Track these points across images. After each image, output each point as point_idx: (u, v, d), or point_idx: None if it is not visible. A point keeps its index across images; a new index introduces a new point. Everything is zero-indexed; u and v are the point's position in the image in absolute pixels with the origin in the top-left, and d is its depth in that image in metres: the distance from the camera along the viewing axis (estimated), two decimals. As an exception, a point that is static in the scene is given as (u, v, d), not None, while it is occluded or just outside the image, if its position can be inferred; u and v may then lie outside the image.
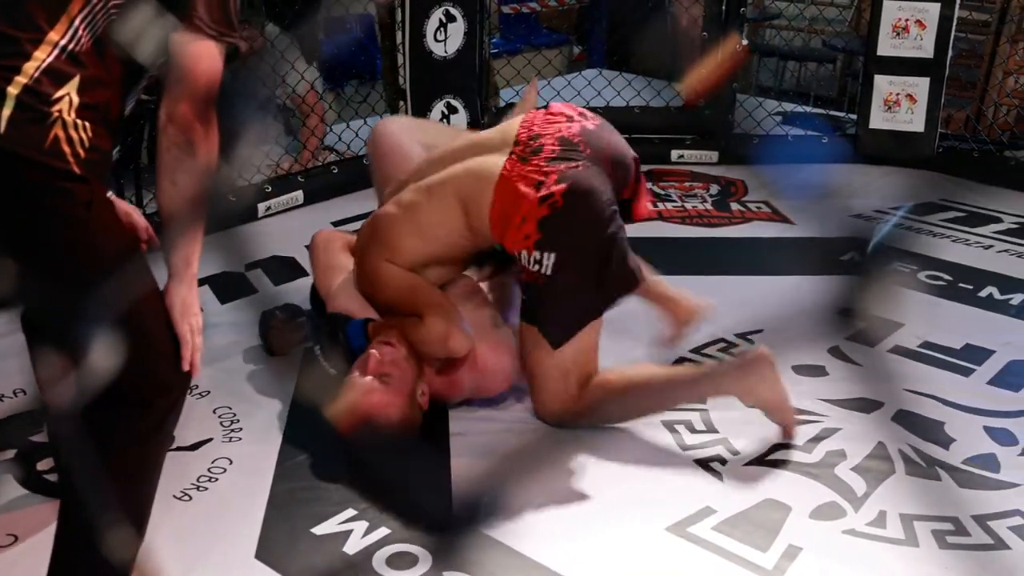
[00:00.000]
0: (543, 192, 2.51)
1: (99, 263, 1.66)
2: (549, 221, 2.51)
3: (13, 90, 1.57)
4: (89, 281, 1.64)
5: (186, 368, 1.80)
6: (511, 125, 2.73)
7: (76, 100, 1.62)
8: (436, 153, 2.84)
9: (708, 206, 4.44)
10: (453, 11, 4.52)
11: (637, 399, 2.66)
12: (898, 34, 4.77)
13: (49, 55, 1.60)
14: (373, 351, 2.61)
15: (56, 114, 1.60)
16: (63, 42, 1.62)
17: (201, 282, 3.41)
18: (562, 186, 2.51)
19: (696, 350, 3.10)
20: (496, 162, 2.61)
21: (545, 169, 2.54)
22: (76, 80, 1.62)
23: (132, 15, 1.70)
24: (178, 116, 1.73)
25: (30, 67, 1.58)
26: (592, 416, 2.67)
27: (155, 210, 1.90)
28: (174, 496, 2.40)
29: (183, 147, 1.74)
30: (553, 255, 2.52)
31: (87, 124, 1.63)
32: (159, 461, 1.90)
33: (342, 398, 2.50)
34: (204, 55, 1.74)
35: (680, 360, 3.04)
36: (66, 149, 1.60)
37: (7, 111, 1.56)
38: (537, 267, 2.54)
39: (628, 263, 2.64)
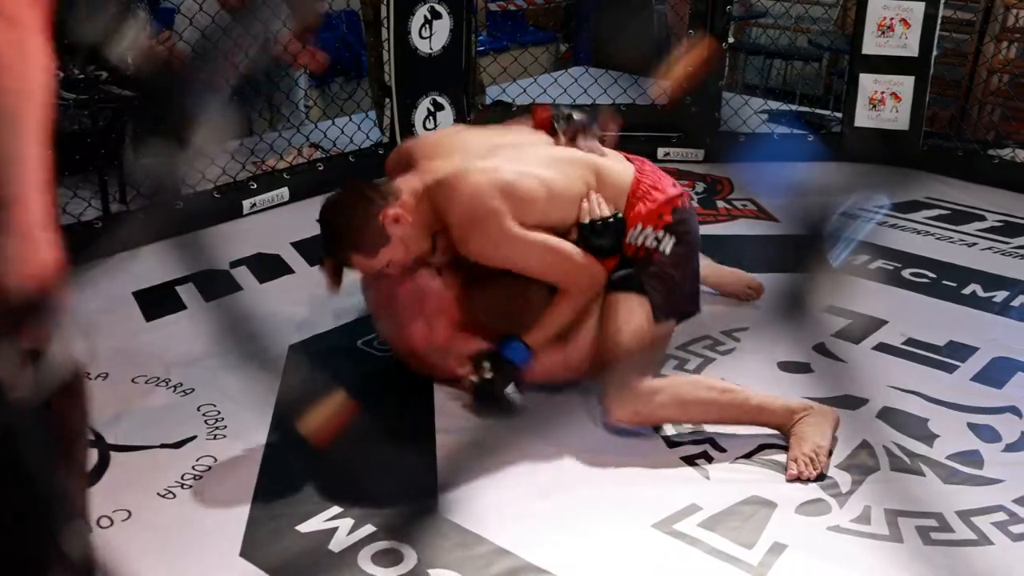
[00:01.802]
0: (682, 191, 2.84)
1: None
2: (680, 213, 2.78)
3: None
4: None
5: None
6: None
7: None
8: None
9: (694, 204, 4.43)
10: (439, 8, 4.51)
11: (702, 403, 2.64)
12: (883, 33, 4.79)
13: None
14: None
15: None
16: None
17: (186, 280, 3.44)
18: (689, 199, 2.89)
19: (682, 347, 3.11)
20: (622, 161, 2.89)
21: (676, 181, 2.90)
22: None
23: None
24: None
25: None
26: (656, 406, 2.63)
27: (138, 207, 1.78)
28: (158, 494, 2.39)
29: None
30: (673, 239, 2.74)
31: None
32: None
33: (316, 413, 2.49)
34: None
35: (665, 358, 3.05)
36: None
37: None
38: (656, 244, 2.72)
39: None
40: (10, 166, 1.32)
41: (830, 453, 2.54)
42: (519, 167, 2.68)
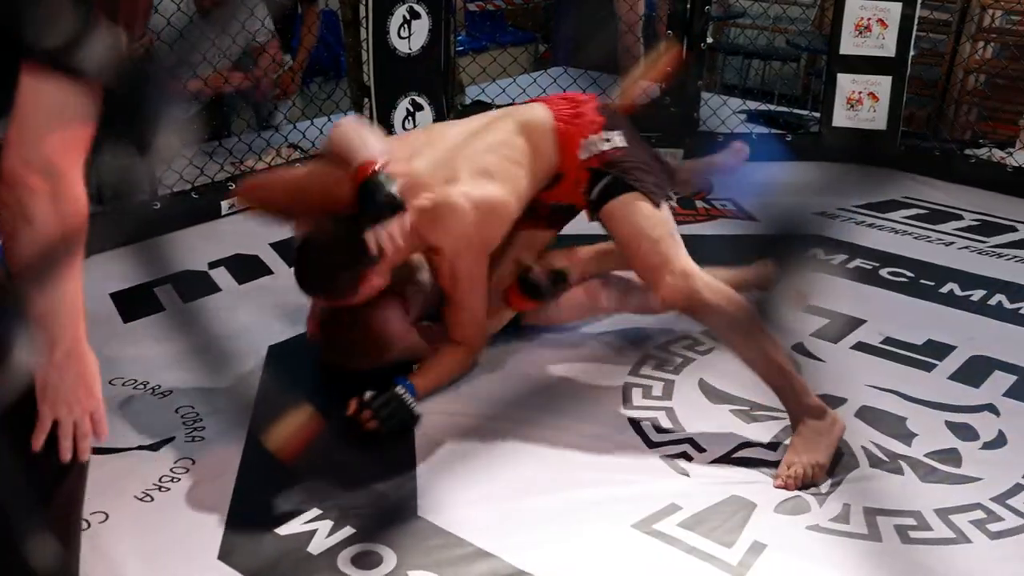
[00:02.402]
0: (591, 112, 2.87)
1: None
2: (612, 115, 2.89)
3: None
4: None
5: (36, 448, 1.49)
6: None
7: None
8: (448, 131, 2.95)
9: (673, 204, 4.43)
10: (417, 8, 4.51)
11: (742, 334, 2.59)
12: (860, 33, 4.80)
13: None
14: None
15: None
16: None
17: (164, 281, 3.42)
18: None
19: (661, 347, 3.11)
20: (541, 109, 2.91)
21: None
22: None
23: None
24: (6, 170, 1.34)
25: None
26: (699, 304, 2.63)
27: (93, 211, 1.68)
28: (135, 497, 2.38)
29: (13, 209, 1.36)
30: (620, 131, 2.82)
31: None
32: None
33: (282, 427, 2.47)
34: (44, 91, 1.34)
35: (645, 358, 3.05)
36: None
37: None
38: (608, 144, 2.78)
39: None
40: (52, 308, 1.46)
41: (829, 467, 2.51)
42: (487, 178, 2.74)
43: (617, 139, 2.80)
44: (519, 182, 2.79)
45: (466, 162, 2.74)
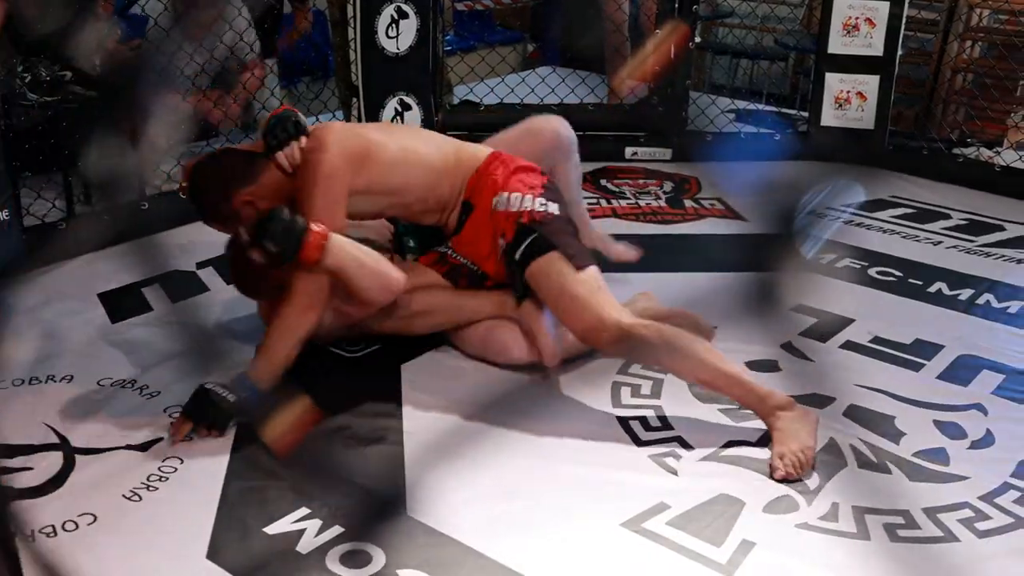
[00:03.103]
0: (533, 172, 2.98)
1: None
2: (550, 185, 2.96)
3: None
4: None
5: None
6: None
7: None
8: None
9: (662, 203, 4.45)
10: (405, 8, 4.50)
11: (682, 355, 2.65)
12: (848, 32, 4.81)
13: None
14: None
15: None
16: None
17: (152, 281, 3.42)
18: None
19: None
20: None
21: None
22: None
23: None
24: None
25: None
26: (638, 343, 2.67)
27: (102, 208, 1.72)
28: (123, 496, 2.37)
29: None
30: (556, 204, 2.89)
31: None
32: None
33: (277, 421, 2.47)
34: None
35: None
36: None
37: None
38: (544, 208, 2.85)
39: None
40: None
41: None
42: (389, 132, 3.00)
43: (552, 208, 2.87)
44: (417, 158, 2.93)
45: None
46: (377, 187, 2.86)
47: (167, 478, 2.46)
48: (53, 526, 2.23)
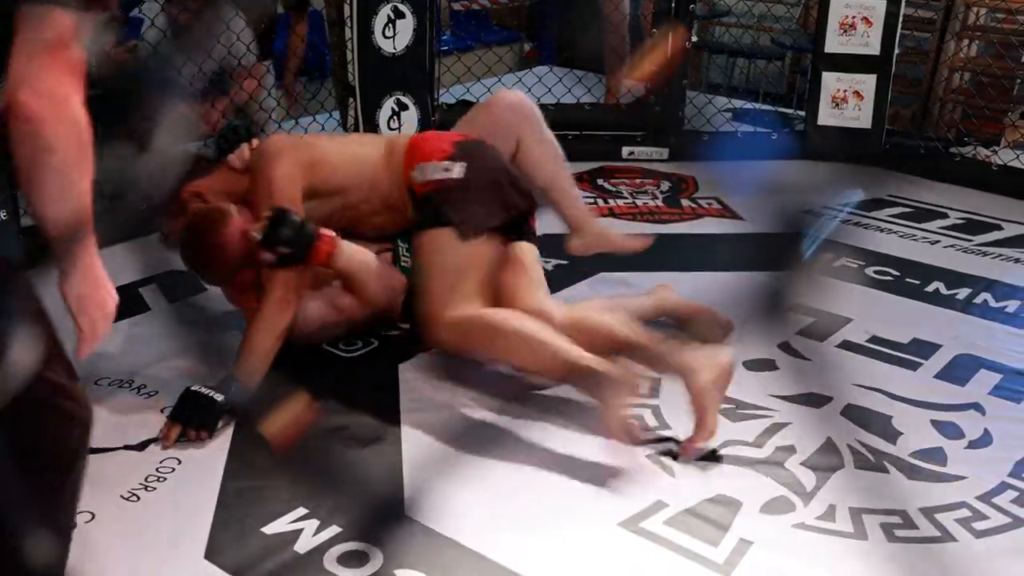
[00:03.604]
0: (446, 137, 3.03)
1: None
2: (462, 144, 2.95)
3: None
4: None
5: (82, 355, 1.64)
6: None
7: None
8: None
9: (659, 202, 4.45)
10: (402, 7, 4.49)
11: (513, 345, 2.66)
12: (845, 31, 4.82)
13: None
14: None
15: None
16: None
17: (149, 280, 3.41)
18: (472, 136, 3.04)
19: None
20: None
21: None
22: None
23: None
24: (18, 106, 1.43)
25: None
26: (466, 339, 2.73)
27: (101, 209, 1.74)
28: (121, 496, 2.37)
29: (33, 143, 1.45)
30: (463, 163, 2.86)
31: None
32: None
33: (278, 416, 2.48)
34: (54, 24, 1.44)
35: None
36: None
37: None
38: (446, 173, 2.85)
39: (523, 185, 3.01)
40: (70, 222, 1.52)
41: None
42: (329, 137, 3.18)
43: (457, 170, 2.86)
44: (355, 157, 3.01)
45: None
46: (323, 189, 2.94)
47: (165, 478, 2.46)
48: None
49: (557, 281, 3.49)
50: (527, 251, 2.94)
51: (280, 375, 2.70)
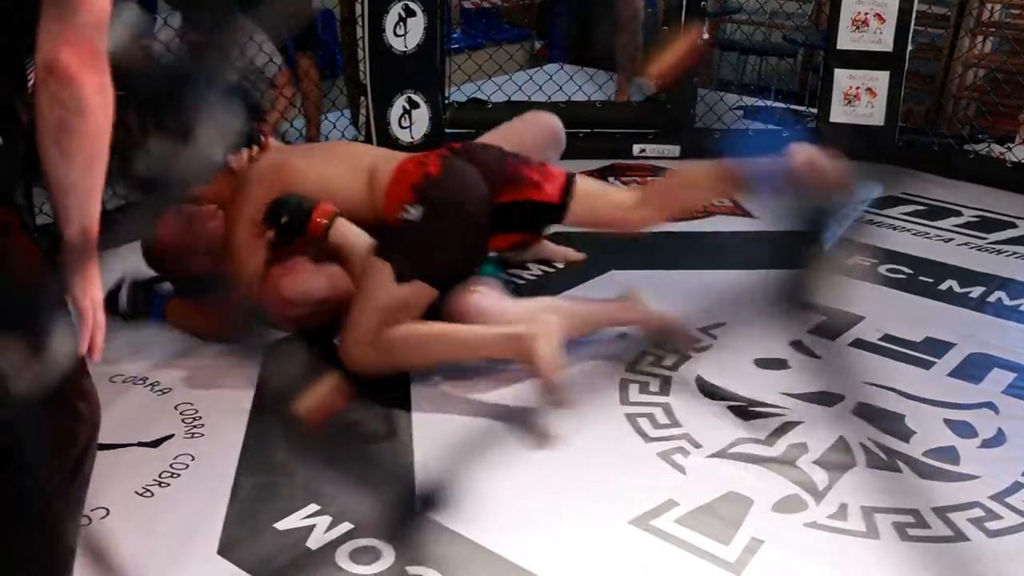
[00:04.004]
0: (423, 169, 2.97)
1: (15, 287, 1.52)
2: (424, 184, 2.93)
3: None
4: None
5: (84, 350, 1.57)
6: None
7: None
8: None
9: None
10: (412, 6, 4.50)
11: (424, 346, 2.83)
12: (858, 28, 4.80)
13: None
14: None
15: None
16: None
17: (162, 278, 3.42)
18: (437, 164, 2.98)
19: (660, 343, 3.11)
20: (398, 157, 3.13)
21: (433, 154, 3.07)
22: None
23: None
24: (60, 66, 1.41)
25: None
26: (385, 356, 2.81)
27: (116, 206, 1.73)
28: (136, 492, 2.38)
29: (68, 106, 1.44)
30: (421, 208, 2.89)
31: None
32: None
33: (310, 394, 2.50)
34: None
35: (642, 354, 3.05)
36: None
37: None
38: (405, 214, 2.89)
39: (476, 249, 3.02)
40: (91, 198, 1.52)
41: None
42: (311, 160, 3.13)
43: (416, 213, 2.89)
44: (340, 175, 3.07)
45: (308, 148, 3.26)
46: None
47: (179, 474, 2.46)
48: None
49: (568, 279, 3.50)
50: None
51: (295, 371, 2.71)
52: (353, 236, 2.97)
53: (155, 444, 2.58)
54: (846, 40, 4.84)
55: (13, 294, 1.50)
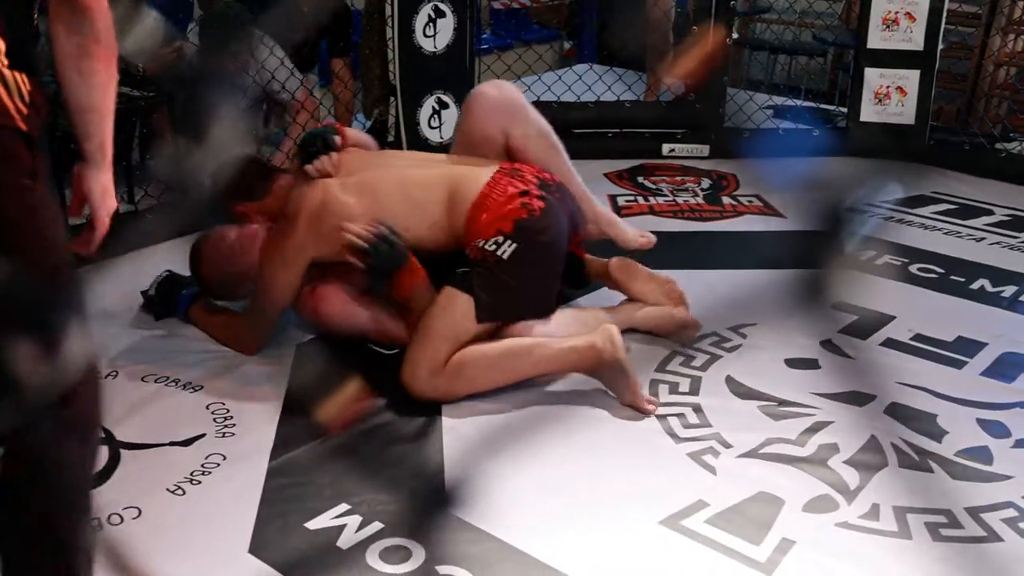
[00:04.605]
0: (525, 199, 2.84)
1: (39, 243, 1.59)
2: (523, 223, 2.81)
3: None
4: (30, 263, 1.56)
5: (89, 248, 1.77)
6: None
7: (2, 46, 1.53)
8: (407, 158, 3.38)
9: (699, 200, 4.44)
10: (442, 6, 4.51)
11: (493, 368, 2.78)
12: (888, 27, 4.78)
13: None
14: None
15: None
16: None
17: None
18: (542, 203, 2.85)
19: (689, 343, 3.11)
20: (486, 170, 2.95)
21: (530, 181, 2.91)
22: None
23: None
24: None
25: None
26: (455, 383, 2.77)
27: (148, 207, 1.81)
28: (168, 491, 2.40)
29: (82, 30, 1.62)
30: (514, 245, 2.79)
31: (21, 74, 1.56)
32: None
33: (333, 399, 2.52)
34: None
35: (672, 355, 3.05)
36: (8, 103, 1.53)
37: None
38: (494, 248, 2.79)
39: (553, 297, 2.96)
40: (107, 117, 1.70)
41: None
42: (362, 189, 2.94)
43: (506, 251, 2.79)
44: (397, 218, 2.87)
45: (372, 175, 2.99)
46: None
47: (210, 473, 2.48)
48: (99, 519, 2.26)
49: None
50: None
51: (324, 372, 2.72)
52: (427, 293, 2.87)
53: (187, 443, 2.60)
54: (876, 39, 4.82)
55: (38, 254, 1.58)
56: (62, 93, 1.64)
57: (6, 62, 1.53)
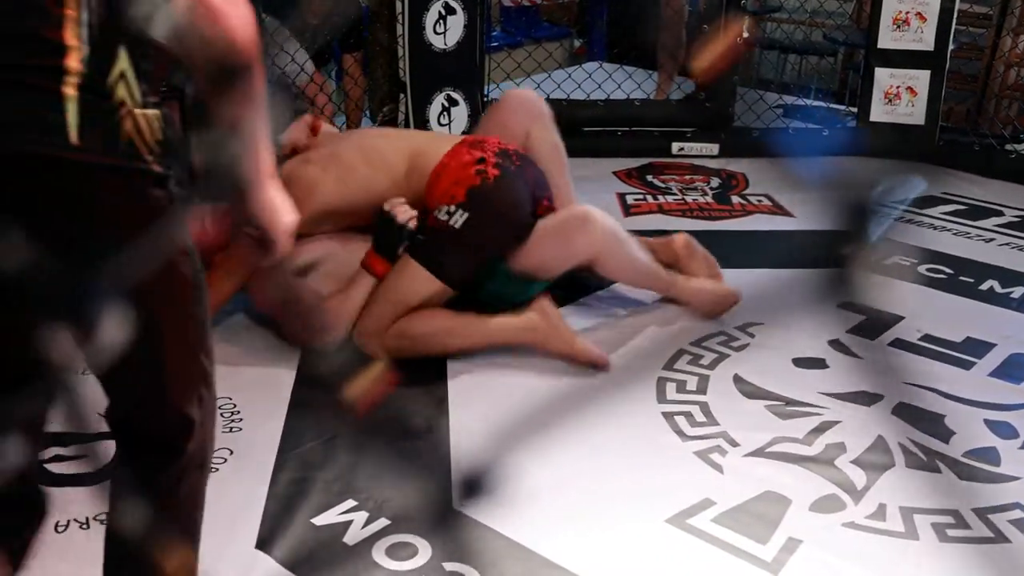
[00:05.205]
0: (481, 166, 2.99)
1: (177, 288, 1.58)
2: (475, 190, 2.96)
3: (71, 91, 1.33)
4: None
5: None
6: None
7: (132, 78, 1.40)
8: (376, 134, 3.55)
9: (709, 199, 4.43)
10: (452, 3, 4.51)
11: (431, 336, 2.95)
12: (899, 27, 4.77)
13: (79, 36, 1.35)
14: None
15: (120, 104, 1.38)
16: (83, 16, 1.36)
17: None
18: (496, 171, 2.99)
19: (696, 342, 3.10)
20: (449, 141, 3.17)
21: (489, 150, 3.05)
22: (123, 56, 1.38)
23: None
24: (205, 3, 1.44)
25: (73, 57, 1.34)
26: (398, 344, 2.93)
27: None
28: (174, 487, 2.40)
29: (218, 43, 1.47)
30: (466, 215, 2.94)
31: (152, 109, 1.44)
32: (201, 491, 1.84)
33: (359, 380, 2.52)
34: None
35: (679, 353, 3.05)
36: (140, 146, 1.40)
37: (73, 116, 1.33)
38: (446, 218, 2.95)
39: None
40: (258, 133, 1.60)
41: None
42: (327, 162, 3.12)
43: (459, 220, 2.94)
44: (359, 181, 3.08)
45: (336, 147, 3.17)
46: (332, 222, 3.12)
47: (217, 469, 2.48)
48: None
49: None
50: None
51: (331, 367, 2.72)
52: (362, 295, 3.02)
53: (194, 438, 2.60)
54: (887, 39, 4.81)
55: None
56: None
57: (138, 97, 1.42)
